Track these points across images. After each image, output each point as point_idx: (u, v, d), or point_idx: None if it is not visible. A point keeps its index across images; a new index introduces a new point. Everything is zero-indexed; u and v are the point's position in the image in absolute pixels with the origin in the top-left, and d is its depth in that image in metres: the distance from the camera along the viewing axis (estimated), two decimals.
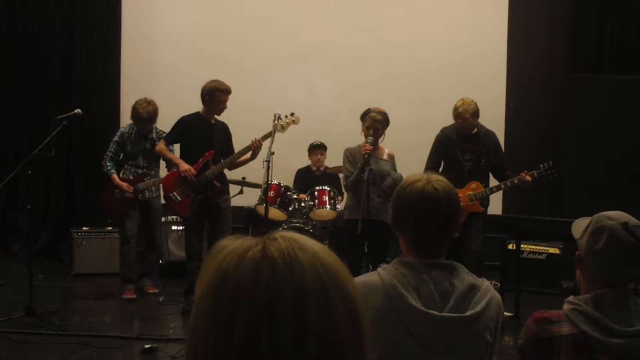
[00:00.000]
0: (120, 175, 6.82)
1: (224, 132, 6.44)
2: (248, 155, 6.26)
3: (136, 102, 6.78)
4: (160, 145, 6.37)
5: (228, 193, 6.46)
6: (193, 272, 6.22)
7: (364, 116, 5.83)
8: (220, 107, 6.30)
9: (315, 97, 8.62)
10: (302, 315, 0.91)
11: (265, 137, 6.11)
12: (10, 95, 8.81)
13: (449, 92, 7.55)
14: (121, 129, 6.96)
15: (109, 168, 6.80)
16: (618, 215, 2.10)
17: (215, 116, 6.38)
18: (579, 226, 2.20)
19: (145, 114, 6.68)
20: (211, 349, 0.92)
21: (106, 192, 6.85)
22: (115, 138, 6.87)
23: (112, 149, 6.85)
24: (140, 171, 6.83)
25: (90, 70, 8.78)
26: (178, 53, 8.67)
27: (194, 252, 6.29)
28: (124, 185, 6.71)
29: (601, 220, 2.10)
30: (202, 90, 6.26)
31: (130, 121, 6.90)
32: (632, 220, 2.09)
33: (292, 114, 6.28)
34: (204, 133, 6.26)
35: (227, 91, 6.26)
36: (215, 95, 6.22)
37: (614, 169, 7.70)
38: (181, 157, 6.29)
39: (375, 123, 5.78)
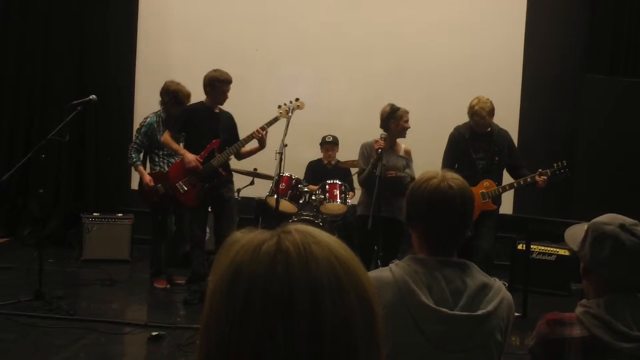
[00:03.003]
0: (156, 169, 6.66)
1: (229, 122, 6.39)
2: (256, 144, 6.24)
3: (173, 84, 6.64)
4: (166, 136, 6.33)
5: (232, 182, 6.44)
6: (196, 261, 6.24)
7: (392, 114, 5.77)
8: (221, 97, 6.25)
9: (325, 92, 8.62)
10: (317, 309, 0.90)
11: (269, 123, 6.09)
12: (25, 82, 8.83)
13: (461, 89, 7.54)
14: (148, 120, 6.66)
15: (134, 160, 6.58)
16: (612, 219, 2.09)
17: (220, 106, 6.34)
18: (574, 236, 2.18)
19: (188, 91, 6.62)
20: (225, 342, 0.91)
21: (146, 188, 6.59)
22: (143, 129, 6.61)
23: (137, 141, 6.61)
24: (173, 160, 6.65)
25: (106, 58, 8.79)
26: (192, 45, 8.69)
27: (196, 242, 6.31)
28: (148, 177, 6.56)
29: (598, 227, 2.08)
30: (204, 80, 6.22)
31: (145, 113, 6.81)
32: (627, 219, 2.08)
33: (296, 99, 6.23)
34: (209, 122, 6.22)
35: (226, 81, 6.20)
36: (215, 86, 6.19)
37: (625, 171, 7.66)
38: (186, 146, 6.26)
39: (407, 116, 5.83)
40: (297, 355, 0.89)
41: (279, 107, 6.20)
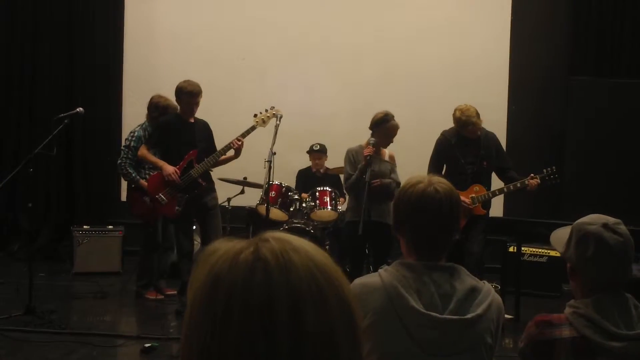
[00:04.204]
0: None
1: (206, 131, 6.33)
2: (231, 153, 6.16)
3: (162, 99, 6.58)
4: (142, 150, 6.23)
5: (214, 191, 6.38)
6: (185, 272, 6.20)
7: (382, 123, 5.79)
8: (188, 109, 6.15)
9: (314, 99, 8.63)
10: (298, 316, 0.90)
11: (246, 133, 6.04)
12: (12, 95, 8.81)
13: (450, 93, 7.56)
14: (136, 133, 6.57)
15: (133, 176, 6.50)
16: (595, 219, 2.11)
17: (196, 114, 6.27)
18: (560, 239, 2.19)
19: (176, 105, 6.56)
20: (206, 352, 0.91)
21: (135, 200, 6.55)
22: (132, 143, 6.52)
23: (129, 155, 6.51)
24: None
25: (92, 70, 8.78)
26: (180, 54, 8.67)
27: (184, 253, 6.26)
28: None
29: (582, 227, 2.10)
30: (175, 90, 6.18)
31: (132, 124, 6.80)
32: (609, 219, 2.10)
33: (272, 108, 6.16)
34: (185, 133, 6.15)
35: (191, 93, 6.09)
36: (181, 97, 6.13)
37: (614, 172, 7.70)
38: (164, 158, 6.18)
39: (396, 132, 5.81)
40: None
41: (255, 115, 6.17)
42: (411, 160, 6.33)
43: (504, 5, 8.60)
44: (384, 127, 5.78)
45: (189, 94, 6.10)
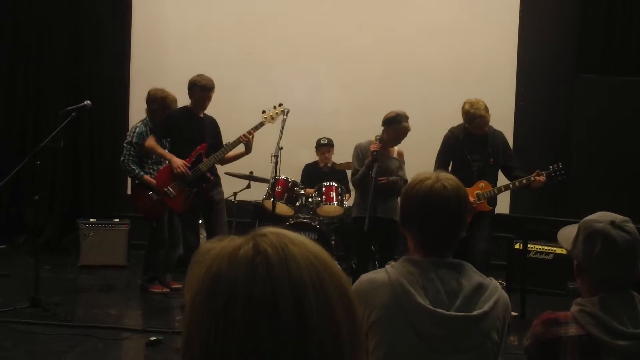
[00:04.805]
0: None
1: (214, 127, 6.35)
2: (242, 149, 6.19)
3: (159, 91, 6.60)
4: (150, 141, 6.25)
5: (220, 185, 6.39)
6: None
7: (392, 122, 5.77)
8: (199, 103, 6.18)
9: (319, 96, 8.62)
10: (302, 309, 0.90)
11: (255, 129, 6.07)
12: (19, 90, 8.82)
13: (455, 91, 7.53)
14: (137, 130, 6.56)
15: (137, 172, 6.47)
16: (603, 216, 2.10)
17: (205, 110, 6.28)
18: (566, 236, 2.19)
19: (174, 97, 6.56)
20: (210, 351, 0.90)
21: (139, 195, 6.53)
22: (134, 140, 6.50)
23: (131, 152, 6.48)
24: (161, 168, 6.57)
25: (99, 65, 8.78)
26: (186, 51, 8.67)
27: (191, 248, 6.24)
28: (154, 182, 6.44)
29: (589, 225, 2.09)
30: (188, 83, 6.19)
31: (139, 118, 6.80)
32: (617, 216, 2.09)
33: (280, 105, 6.20)
34: (193, 127, 6.17)
35: (204, 88, 6.12)
36: (193, 91, 6.15)
37: (620, 169, 7.66)
38: (172, 151, 6.21)
39: (406, 133, 5.78)
40: (284, 356, 0.88)
41: (263, 112, 6.19)
42: (415, 157, 6.31)
43: (512, 2, 8.56)
44: (393, 127, 5.77)
45: (202, 88, 6.12)
